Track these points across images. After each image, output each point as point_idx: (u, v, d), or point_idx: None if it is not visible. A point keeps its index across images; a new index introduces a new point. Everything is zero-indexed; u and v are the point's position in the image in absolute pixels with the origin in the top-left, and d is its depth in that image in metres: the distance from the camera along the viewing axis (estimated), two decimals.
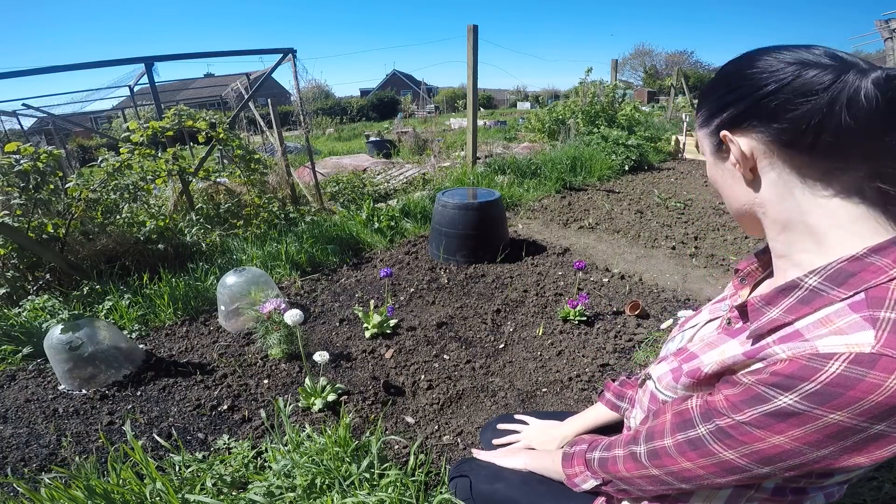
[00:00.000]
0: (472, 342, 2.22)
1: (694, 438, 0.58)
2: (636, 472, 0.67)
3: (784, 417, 0.48)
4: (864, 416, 0.44)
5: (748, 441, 0.52)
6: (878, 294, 0.46)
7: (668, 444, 0.62)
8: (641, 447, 0.66)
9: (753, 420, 0.50)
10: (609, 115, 7.21)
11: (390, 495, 1.18)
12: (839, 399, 0.44)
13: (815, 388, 0.45)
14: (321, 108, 26.37)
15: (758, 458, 0.52)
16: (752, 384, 0.51)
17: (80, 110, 9.28)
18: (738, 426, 0.52)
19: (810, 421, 0.46)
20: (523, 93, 34.71)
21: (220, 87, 12.88)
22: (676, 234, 3.62)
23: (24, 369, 2.10)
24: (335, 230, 3.47)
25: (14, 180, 2.52)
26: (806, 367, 0.46)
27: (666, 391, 0.68)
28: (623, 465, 0.69)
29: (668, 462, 0.62)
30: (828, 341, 0.46)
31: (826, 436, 0.46)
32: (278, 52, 3.95)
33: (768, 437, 0.50)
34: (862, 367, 0.43)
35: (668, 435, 0.62)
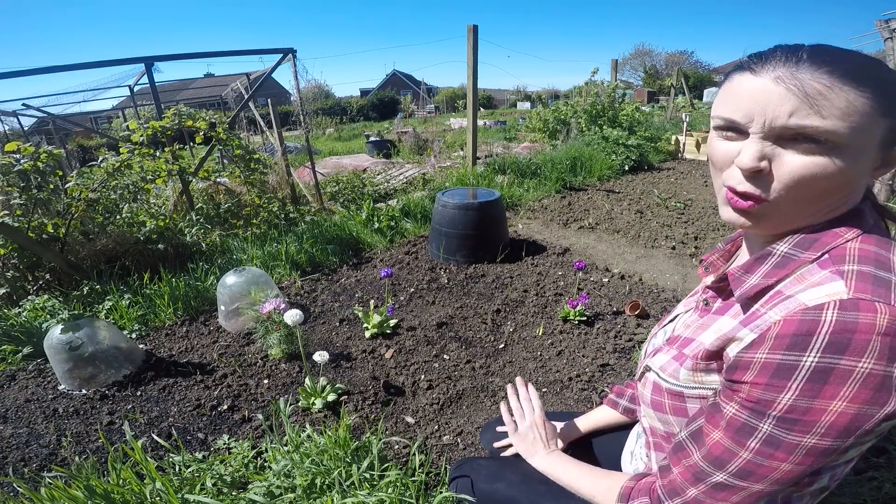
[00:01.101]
0: (472, 342, 2.22)
1: (768, 438, 0.54)
2: (736, 497, 0.59)
3: (823, 379, 0.49)
4: (882, 359, 0.48)
5: (815, 418, 0.51)
6: (839, 253, 0.55)
7: (749, 458, 0.56)
8: (721, 475, 0.59)
9: (801, 392, 0.51)
10: (610, 115, 7.21)
11: (390, 495, 1.18)
12: (852, 345, 0.48)
13: (826, 339, 0.49)
14: (321, 108, 26.36)
15: (837, 433, 0.51)
16: (766, 358, 0.52)
17: (80, 110, 9.29)
18: (794, 407, 0.52)
19: (848, 376, 0.49)
20: (523, 93, 34.68)
21: (220, 87, 12.88)
22: (676, 234, 3.62)
23: (24, 369, 2.10)
24: (335, 230, 3.47)
25: (14, 180, 2.52)
26: (803, 322, 0.50)
27: (670, 378, 0.68)
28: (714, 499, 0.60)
29: (766, 471, 0.56)
30: (809, 294, 0.52)
31: (874, 389, 0.48)
32: (278, 52, 3.95)
33: (828, 407, 0.50)
34: (850, 311, 0.49)
35: (740, 448, 0.57)
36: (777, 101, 0.53)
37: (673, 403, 0.69)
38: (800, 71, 0.52)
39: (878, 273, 0.52)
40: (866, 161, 0.54)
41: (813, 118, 0.51)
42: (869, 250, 0.54)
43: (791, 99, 0.52)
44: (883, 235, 0.58)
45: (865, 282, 0.51)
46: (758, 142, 0.55)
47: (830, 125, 0.50)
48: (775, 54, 0.55)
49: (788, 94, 0.52)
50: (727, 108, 0.58)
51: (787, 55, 0.54)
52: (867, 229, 0.57)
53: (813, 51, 0.53)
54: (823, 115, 0.51)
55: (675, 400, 0.68)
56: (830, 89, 0.50)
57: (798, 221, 0.58)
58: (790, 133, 0.53)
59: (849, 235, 0.56)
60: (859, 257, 0.54)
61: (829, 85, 0.51)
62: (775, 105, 0.53)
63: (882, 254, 0.54)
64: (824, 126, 0.51)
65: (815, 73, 0.51)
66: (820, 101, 0.51)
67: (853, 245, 0.55)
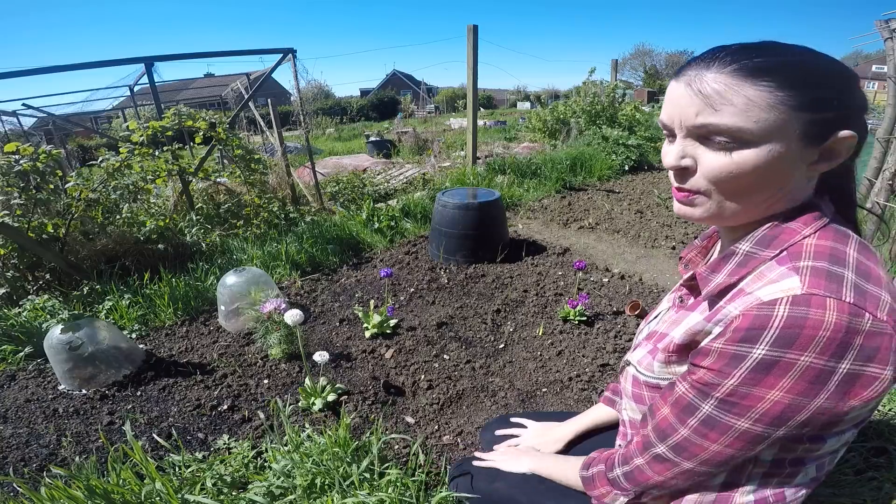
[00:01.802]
0: (472, 342, 2.22)
1: (705, 418, 0.60)
2: (669, 472, 0.66)
3: (766, 369, 0.53)
4: (825, 353, 0.50)
5: (751, 404, 0.55)
6: (796, 250, 0.57)
7: (686, 434, 0.62)
8: (661, 447, 0.66)
9: (744, 380, 0.55)
10: (610, 114, 7.21)
11: (390, 495, 1.18)
12: (799, 339, 0.51)
13: (776, 333, 0.52)
14: (321, 108, 26.37)
15: (769, 421, 0.55)
16: (723, 347, 0.56)
17: (80, 111, 9.29)
18: (735, 391, 0.56)
19: (789, 368, 0.52)
20: (523, 93, 34.69)
21: (220, 87, 12.87)
22: (676, 234, 3.62)
23: (24, 369, 2.10)
24: (335, 230, 3.47)
25: (14, 180, 2.52)
26: (758, 317, 0.53)
27: (646, 372, 0.73)
28: (652, 471, 0.68)
29: (696, 450, 0.62)
30: (766, 290, 0.55)
31: (809, 382, 0.52)
32: (278, 52, 3.95)
33: (766, 395, 0.54)
34: (801, 306, 0.51)
35: (680, 425, 0.63)
36: (686, 102, 0.57)
37: (652, 395, 0.73)
38: (708, 72, 0.55)
39: (831, 268, 0.54)
40: (791, 155, 0.55)
41: (713, 116, 0.54)
42: (825, 246, 0.57)
43: (695, 100, 0.56)
44: (842, 227, 0.60)
45: (819, 277, 0.53)
46: (681, 141, 0.60)
47: (731, 122, 0.53)
48: (698, 57, 0.58)
49: (692, 96, 0.56)
50: (662, 113, 0.62)
51: (705, 57, 0.57)
52: (825, 223, 0.59)
53: (735, 50, 0.56)
54: (721, 112, 0.54)
55: (653, 392, 0.72)
56: (728, 87, 0.53)
57: (738, 216, 0.61)
58: (702, 132, 0.56)
59: (806, 231, 0.58)
60: (815, 253, 0.56)
61: (726, 83, 0.53)
62: (685, 106, 0.57)
63: (838, 248, 0.56)
64: (725, 123, 0.54)
65: (720, 73, 0.54)
66: (716, 99, 0.54)
67: (810, 241, 0.57)
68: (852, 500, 1.20)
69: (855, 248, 0.57)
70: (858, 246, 0.58)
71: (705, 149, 0.58)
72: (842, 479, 1.27)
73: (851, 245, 0.57)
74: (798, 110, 0.53)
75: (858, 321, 0.50)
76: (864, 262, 0.56)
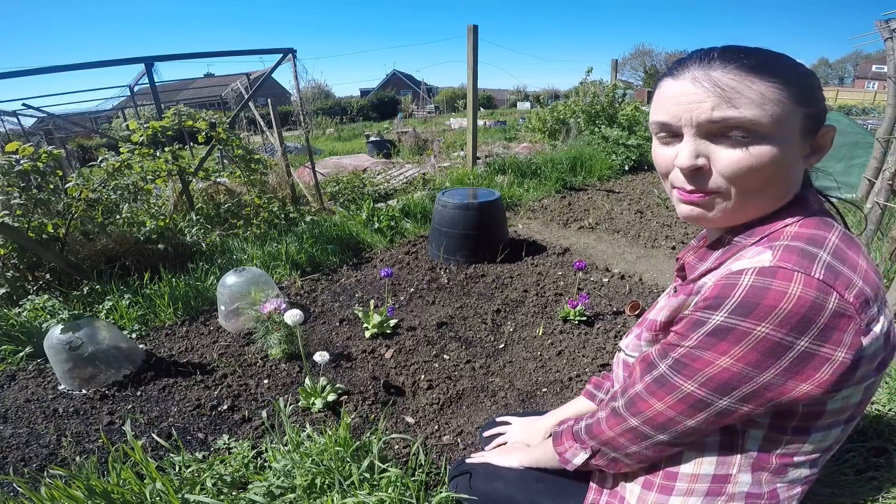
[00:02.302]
0: (472, 342, 2.22)
1: (658, 376, 0.63)
2: (618, 427, 0.70)
3: (721, 335, 0.55)
4: (784, 327, 0.51)
5: (700, 367, 0.57)
6: (776, 235, 0.60)
7: (639, 389, 0.66)
8: (619, 401, 0.70)
9: (699, 343, 0.57)
10: (609, 114, 7.21)
11: (390, 495, 1.18)
12: (758, 309, 0.52)
13: (737, 301, 0.53)
14: (321, 108, 26.38)
15: (713, 387, 0.57)
16: (691, 313, 0.59)
17: (80, 110, 9.29)
18: (689, 353, 0.58)
19: (743, 337, 0.53)
20: (523, 93, 34.70)
21: (220, 87, 12.86)
22: (676, 234, 3.62)
23: (24, 369, 2.10)
24: (335, 230, 3.47)
25: (14, 180, 2.52)
26: (725, 286, 0.55)
27: (632, 353, 0.76)
28: (606, 424, 0.72)
29: (643, 406, 0.65)
30: (739, 264, 0.57)
31: (762, 353, 0.53)
32: (278, 52, 3.96)
33: (715, 360, 0.56)
34: (765, 277, 0.52)
35: (639, 381, 0.67)
36: (697, 98, 0.57)
37: None
38: (712, 70, 0.57)
39: (805, 247, 0.55)
40: (794, 148, 0.58)
41: (731, 110, 0.55)
42: (804, 231, 0.58)
43: (708, 95, 0.56)
44: (827, 218, 0.62)
45: (791, 253, 0.54)
46: (692, 141, 0.59)
47: (749, 114, 0.54)
48: (691, 58, 0.60)
49: (705, 92, 0.56)
50: (658, 113, 0.62)
51: (701, 58, 0.59)
52: (810, 214, 0.61)
53: (723, 51, 0.58)
54: (738, 106, 0.55)
55: None
56: (741, 83, 0.55)
57: (750, 212, 0.62)
58: (717, 128, 0.57)
59: (788, 220, 0.61)
60: (793, 236, 0.58)
61: (739, 79, 0.55)
62: (696, 103, 0.57)
63: (818, 233, 0.57)
64: (744, 116, 0.55)
65: (725, 70, 0.56)
66: (733, 94, 0.55)
67: (791, 228, 0.59)
68: (852, 500, 1.20)
69: (837, 237, 0.58)
70: (842, 235, 0.59)
71: (717, 146, 0.58)
72: (842, 479, 1.27)
73: (834, 233, 0.58)
74: (798, 105, 0.56)
75: (825, 297, 0.50)
76: (844, 248, 0.56)
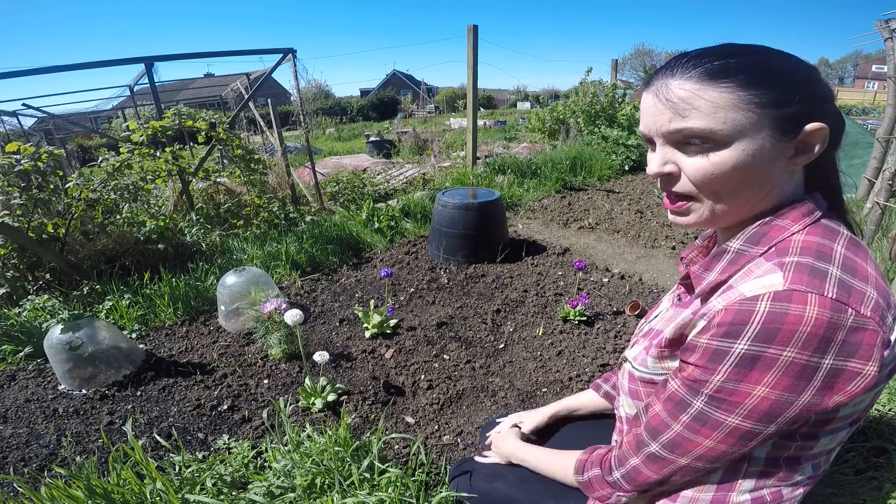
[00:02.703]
0: (472, 342, 2.22)
1: (697, 414, 0.60)
2: (666, 470, 0.65)
3: (750, 365, 0.53)
4: (807, 349, 0.51)
5: (739, 400, 0.56)
6: (784, 246, 0.58)
7: (679, 431, 0.62)
8: (654, 446, 0.65)
9: (729, 376, 0.55)
10: (609, 114, 7.21)
11: (390, 495, 1.18)
12: (780, 334, 0.51)
13: (757, 328, 0.52)
14: (321, 108, 26.39)
15: (758, 417, 0.56)
16: (707, 342, 0.57)
17: (80, 110, 9.29)
18: (722, 388, 0.56)
19: (772, 363, 0.52)
20: (523, 93, 34.70)
21: (220, 87, 12.87)
22: (676, 234, 3.62)
23: (24, 369, 2.10)
24: (335, 230, 3.47)
25: (14, 180, 2.52)
26: (740, 312, 0.54)
27: (640, 367, 0.73)
28: (649, 470, 0.67)
29: (691, 447, 0.62)
30: (750, 286, 0.56)
31: (793, 377, 0.52)
32: (278, 52, 3.96)
33: (752, 391, 0.54)
34: (781, 302, 0.52)
35: (673, 421, 0.62)
36: (657, 111, 0.59)
37: (647, 391, 0.73)
38: (672, 80, 0.57)
39: (815, 264, 0.54)
40: (765, 151, 0.56)
41: (682, 121, 0.56)
42: (812, 241, 0.57)
43: (664, 108, 0.58)
44: (833, 222, 0.61)
45: (802, 273, 0.53)
46: (661, 149, 0.61)
47: (700, 124, 0.55)
48: (662, 67, 0.60)
49: (661, 104, 0.58)
50: (641, 124, 0.64)
51: (668, 66, 0.59)
52: (815, 219, 0.60)
53: (696, 55, 0.58)
54: (688, 116, 0.56)
55: (647, 387, 0.73)
56: (691, 93, 0.55)
57: (732, 215, 0.62)
58: (677, 137, 0.58)
59: (794, 228, 0.59)
60: (801, 249, 0.56)
61: (690, 89, 0.56)
62: (657, 115, 0.59)
63: (825, 244, 0.57)
64: (696, 126, 0.55)
65: (682, 79, 0.56)
66: (681, 105, 0.56)
67: (798, 237, 0.58)
68: (852, 500, 1.20)
69: (843, 245, 0.57)
70: (847, 242, 0.58)
71: (683, 154, 0.59)
72: (842, 479, 1.27)
73: (840, 241, 0.58)
74: (763, 107, 0.54)
75: (840, 316, 0.50)
76: (852, 258, 0.56)
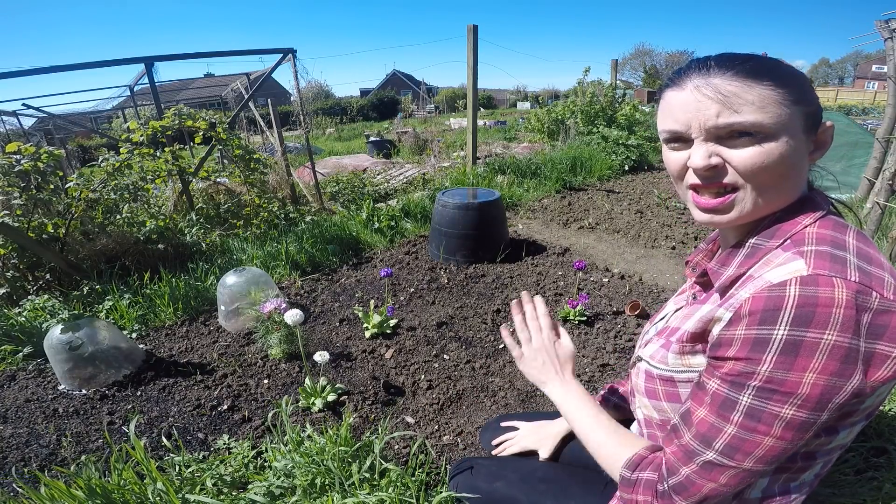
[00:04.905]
0: (472, 342, 2.22)
1: (748, 410, 0.56)
2: (723, 477, 0.60)
3: (794, 351, 0.52)
4: (846, 332, 0.51)
5: (791, 389, 0.54)
6: (799, 237, 0.60)
7: (734, 433, 0.58)
8: (711, 454, 0.60)
9: (776, 364, 0.54)
10: (608, 114, 7.21)
11: (391, 495, 1.18)
12: (816, 317, 0.51)
13: (792, 311, 0.52)
14: (321, 108, 26.40)
15: (812, 405, 0.54)
16: (744, 333, 0.56)
17: (80, 110, 9.29)
18: (771, 378, 0.54)
19: (815, 348, 0.52)
20: (523, 93, 34.71)
21: (220, 87, 12.88)
22: (676, 234, 3.62)
23: (24, 369, 2.10)
24: (335, 230, 3.47)
25: (14, 180, 2.52)
26: (770, 298, 0.54)
27: (660, 364, 0.72)
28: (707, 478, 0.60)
29: (751, 447, 0.57)
30: (774, 273, 0.57)
31: (839, 360, 0.51)
32: (278, 52, 3.96)
33: (802, 378, 0.53)
34: (810, 286, 0.52)
35: (725, 423, 0.58)
36: (702, 106, 0.60)
37: (666, 389, 0.72)
38: (711, 77, 0.60)
39: (834, 252, 0.56)
40: (800, 145, 0.60)
41: (735, 115, 0.58)
42: (825, 233, 0.59)
43: (712, 102, 0.59)
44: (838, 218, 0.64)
45: (823, 259, 0.55)
46: (702, 143, 0.62)
47: (752, 118, 0.57)
48: (689, 68, 0.63)
49: (708, 99, 0.59)
50: (667, 122, 0.65)
51: (699, 67, 0.62)
52: (823, 214, 0.62)
53: (718, 59, 0.61)
54: (740, 111, 0.58)
55: (667, 385, 0.71)
56: (740, 87, 0.58)
57: (765, 209, 0.63)
58: (724, 131, 0.60)
59: (806, 221, 0.61)
60: (817, 239, 0.58)
61: (737, 84, 0.58)
62: (702, 110, 0.60)
63: (838, 236, 0.59)
64: (749, 120, 0.58)
65: (724, 77, 0.59)
66: (734, 99, 0.58)
67: (811, 230, 0.60)
68: (852, 500, 1.20)
69: (853, 237, 0.59)
70: (856, 234, 0.60)
71: (726, 148, 0.60)
72: (842, 479, 1.27)
73: (850, 233, 0.60)
74: (796, 104, 0.58)
75: (866, 298, 0.51)
76: (864, 247, 0.58)
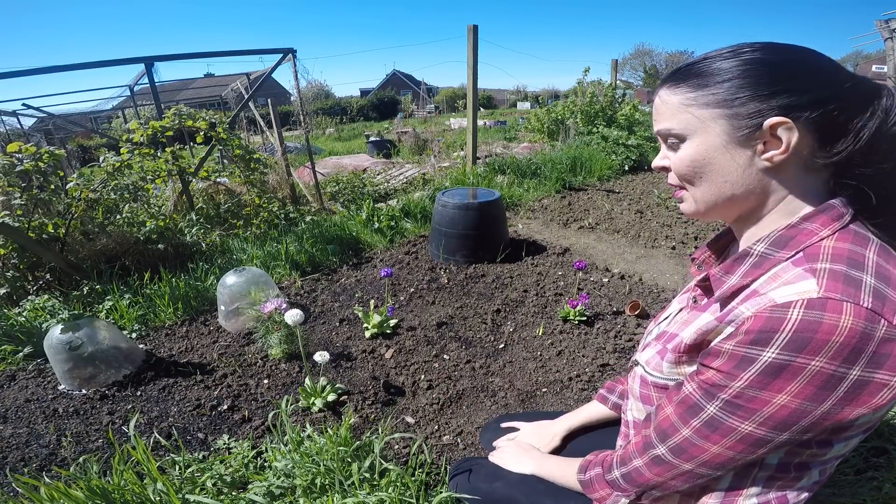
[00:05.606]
0: (472, 342, 2.22)
1: (708, 420, 0.59)
2: (668, 474, 0.66)
3: (776, 373, 0.52)
4: (837, 359, 0.50)
5: (757, 407, 0.55)
6: (813, 251, 0.56)
7: (687, 435, 0.62)
8: (661, 448, 0.65)
9: (752, 382, 0.54)
10: (608, 115, 7.21)
11: (391, 495, 1.18)
12: (811, 344, 0.50)
13: (788, 336, 0.51)
14: (321, 108, 26.41)
15: (773, 425, 0.55)
16: (734, 349, 0.56)
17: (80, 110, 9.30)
18: (741, 394, 0.55)
19: (799, 372, 0.51)
20: (523, 93, 34.71)
21: (220, 87, 12.89)
22: (676, 234, 3.62)
23: (24, 369, 2.10)
24: (335, 230, 3.47)
25: (15, 180, 2.52)
26: (771, 319, 0.52)
27: (654, 372, 0.72)
28: (650, 472, 0.68)
29: (696, 452, 0.61)
30: (781, 292, 0.54)
31: (818, 387, 0.51)
32: (278, 52, 3.96)
33: (772, 399, 0.53)
34: (815, 310, 0.50)
35: (683, 426, 0.62)
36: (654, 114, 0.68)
37: (659, 396, 0.72)
38: (662, 88, 0.66)
39: (849, 272, 0.52)
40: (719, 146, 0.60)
41: (658, 123, 0.66)
42: (843, 248, 0.55)
43: (656, 111, 0.67)
44: (861, 228, 0.59)
45: (836, 280, 0.52)
46: (662, 147, 0.69)
47: (666, 124, 0.64)
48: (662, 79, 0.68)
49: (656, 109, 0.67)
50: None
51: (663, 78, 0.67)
52: (844, 224, 0.58)
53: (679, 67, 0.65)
54: (660, 119, 0.65)
55: (660, 393, 0.71)
56: (662, 100, 0.65)
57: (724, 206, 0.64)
58: (662, 137, 0.67)
59: (823, 233, 0.57)
60: (833, 255, 0.55)
61: (661, 96, 0.65)
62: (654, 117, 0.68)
63: (857, 251, 0.55)
64: (664, 126, 0.65)
65: (665, 87, 0.65)
66: (661, 108, 0.65)
67: (828, 243, 0.56)
68: (852, 500, 1.20)
69: (875, 252, 0.55)
70: (879, 249, 0.56)
71: (671, 151, 0.66)
72: (842, 479, 1.27)
73: (871, 248, 0.56)
74: (707, 107, 0.60)
75: (873, 327, 0.49)
76: (884, 265, 0.54)
